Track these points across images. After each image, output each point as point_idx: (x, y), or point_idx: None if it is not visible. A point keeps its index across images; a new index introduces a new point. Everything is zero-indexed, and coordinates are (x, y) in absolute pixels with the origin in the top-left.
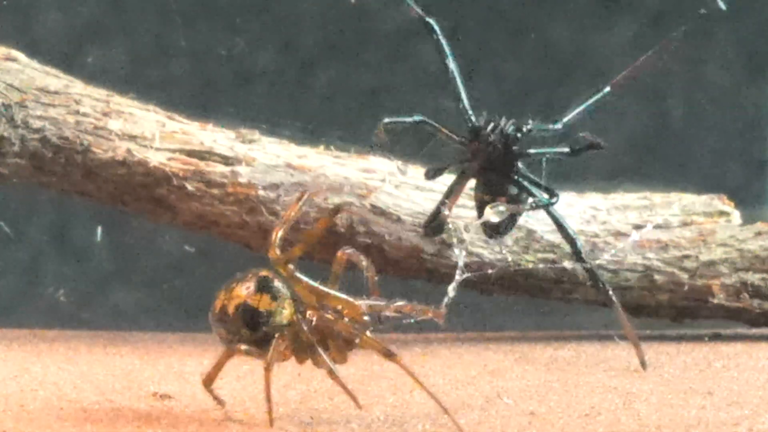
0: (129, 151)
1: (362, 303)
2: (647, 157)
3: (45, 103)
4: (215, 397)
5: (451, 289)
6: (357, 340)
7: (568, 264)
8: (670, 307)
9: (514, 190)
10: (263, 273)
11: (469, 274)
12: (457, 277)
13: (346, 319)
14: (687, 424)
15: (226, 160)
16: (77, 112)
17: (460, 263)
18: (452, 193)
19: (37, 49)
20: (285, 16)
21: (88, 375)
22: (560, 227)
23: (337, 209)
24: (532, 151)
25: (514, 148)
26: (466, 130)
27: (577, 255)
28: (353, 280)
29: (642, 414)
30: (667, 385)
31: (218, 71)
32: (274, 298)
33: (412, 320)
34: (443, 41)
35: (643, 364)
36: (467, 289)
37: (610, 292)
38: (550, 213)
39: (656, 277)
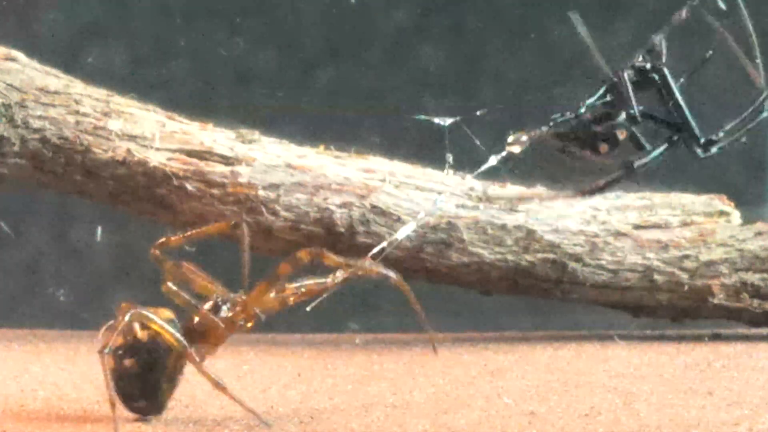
0: (129, 151)
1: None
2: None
3: (45, 103)
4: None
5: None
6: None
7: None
8: (670, 307)
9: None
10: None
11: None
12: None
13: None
14: (687, 424)
15: (226, 160)
16: (77, 112)
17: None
18: None
19: (37, 49)
20: (285, 16)
21: (88, 375)
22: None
23: (236, 225)
24: None
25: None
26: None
27: None
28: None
29: (642, 414)
30: (667, 385)
31: (218, 71)
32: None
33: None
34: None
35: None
36: (467, 290)
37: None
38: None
39: (656, 277)
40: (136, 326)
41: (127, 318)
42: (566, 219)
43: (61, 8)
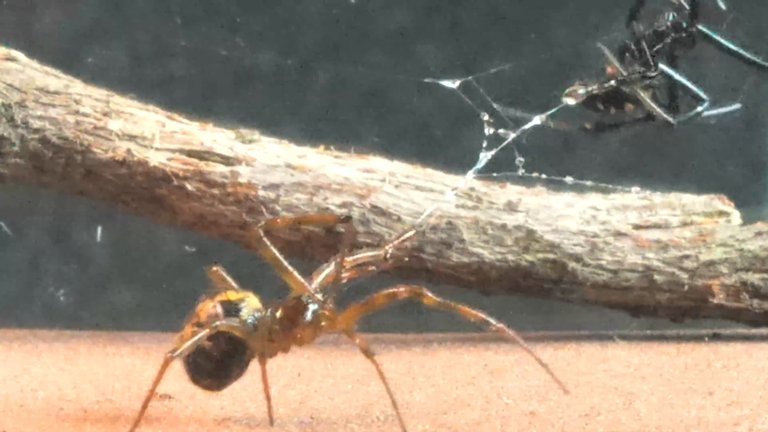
0: (129, 151)
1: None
2: (647, 156)
3: (45, 103)
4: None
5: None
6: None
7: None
8: (670, 307)
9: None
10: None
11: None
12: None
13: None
14: (687, 424)
15: (226, 160)
16: (77, 112)
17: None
18: None
19: (37, 49)
20: (285, 16)
21: (88, 375)
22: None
23: (346, 219)
24: None
25: None
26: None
27: None
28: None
29: (642, 414)
30: (667, 385)
31: (218, 71)
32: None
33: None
34: None
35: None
36: (467, 290)
37: None
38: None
39: (656, 277)
40: (219, 311)
41: (205, 332)
42: (566, 219)
43: (61, 8)
